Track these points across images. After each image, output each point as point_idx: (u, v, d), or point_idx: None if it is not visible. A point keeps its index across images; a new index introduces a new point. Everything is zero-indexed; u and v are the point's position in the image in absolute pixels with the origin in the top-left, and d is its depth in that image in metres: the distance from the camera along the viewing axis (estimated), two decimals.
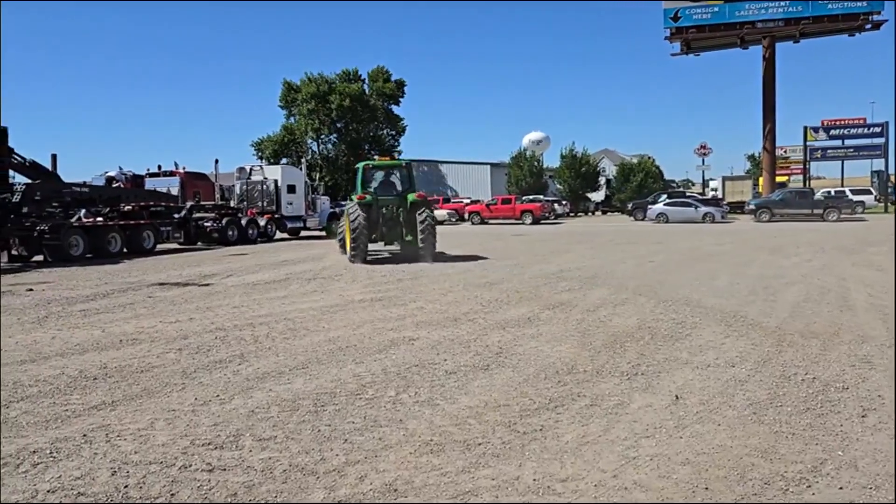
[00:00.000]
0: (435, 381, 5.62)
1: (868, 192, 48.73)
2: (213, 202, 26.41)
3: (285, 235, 28.43)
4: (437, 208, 44.88)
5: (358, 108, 60.42)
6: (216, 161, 27.38)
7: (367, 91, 62.49)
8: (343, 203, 53.16)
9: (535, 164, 58.94)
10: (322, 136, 63.18)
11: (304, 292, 11.11)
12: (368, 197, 16.32)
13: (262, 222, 26.19)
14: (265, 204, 27.10)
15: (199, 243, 24.25)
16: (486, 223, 40.57)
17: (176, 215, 23.43)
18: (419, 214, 16.06)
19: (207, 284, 12.46)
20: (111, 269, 15.76)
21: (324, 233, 29.38)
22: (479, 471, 3.81)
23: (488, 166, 68.18)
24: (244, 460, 3.99)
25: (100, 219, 19.80)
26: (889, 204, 46.85)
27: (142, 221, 21.24)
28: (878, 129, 46.56)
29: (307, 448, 4.16)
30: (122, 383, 5.72)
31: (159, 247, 21.95)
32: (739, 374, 5.66)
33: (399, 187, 17.34)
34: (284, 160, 57.34)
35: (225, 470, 3.86)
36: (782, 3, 43.43)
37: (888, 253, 16.16)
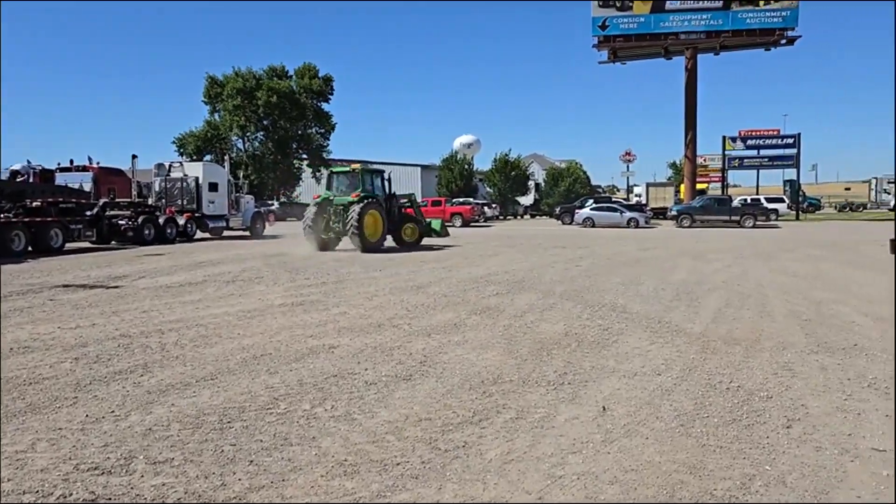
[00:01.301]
0: (353, 393, 5.30)
1: (781, 200, 50.96)
2: (128, 199, 25.15)
3: (207, 235, 27.39)
4: None
5: (286, 105, 59.13)
6: (134, 157, 26.15)
7: (295, 88, 61.25)
8: (269, 202, 52.18)
9: (466, 166, 59.09)
10: (248, 134, 61.56)
11: (221, 296, 10.56)
12: (320, 197, 20.09)
13: (181, 221, 25.13)
14: (185, 202, 26.04)
15: (112, 242, 23.07)
16: None
17: (88, 212, 22.16)
18: (349, 213, 18.86)
19: (116, 287, 11.72)
20: (13, 269, 14.70)
21: (248, 233, 28.47)
22: (395, 495, 3.52)
23: (419, 168, 68.06)
24: (133, 488, 3.58)
25: (2, 215, 18.50)
26: (800, 212, 49.16)
27: (49, 218, 19.97)
28: (790, 141, 48.72)
29: (207, 472, 3.78)
30: (5, 398, 5.15)
31: (69, 246, 20.72)
32: (666, 383, 5.56)
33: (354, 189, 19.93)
34: (208, 157, 55.55)
35: (110, 500, 3.44)
36: (704, 16, 44.93)
37: (802, 259, 16.76)
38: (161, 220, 24.09)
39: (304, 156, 64.31)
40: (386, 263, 15.68)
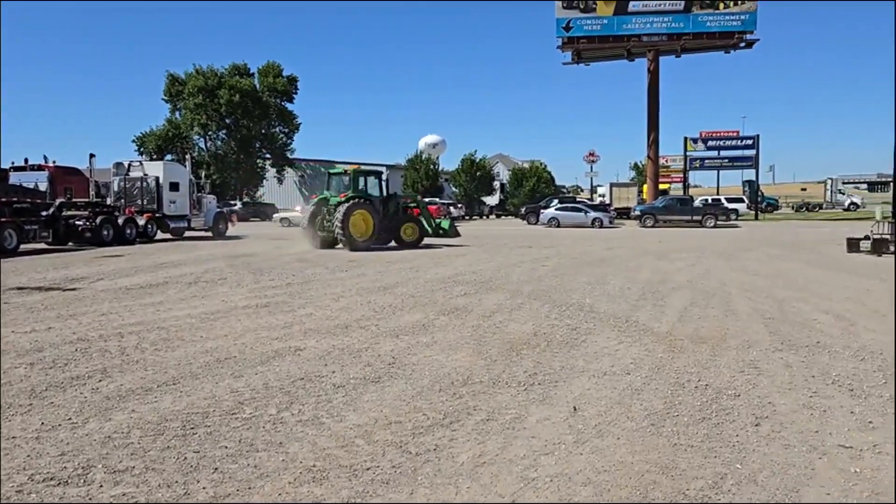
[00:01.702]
0: (321, 397, 5.20)
1: (741, 200, 52.00)
2: (86, 199, 24.51)
3: (168, 236, 26.84)
4: None
5: (249, 104, 58.38)
6: (91, 156, 25.47)
7: (258, 87, 60.50)
8: (232, 202, 51.44)
9: (432, 166, 59.03)
10: (210, 133, 60.64)
11: (183, 298, 10.32)
12: (318, 197, 21.34)
13: (141, 222, 24.57)
14: (145, 202, 25.46)
15: (69, 244, 22.44)
16: None
17: (43, 213, 21.52)
18: (335, 213, 19.65)
19: (74, 289, 11.38)
20: None
21: (210, 234, 27.99)
22: (365, 501, 3.43)
23: (384, 168, 67.72)
24: (92, 498, 3.44)
25: None
26: (759, 212, 50.17)
27: (3, 219, 19.35)
28: (749, 142, 49.69)
29: (169, 480, 3.65)
30: None
31: (24, 247, 20.09)
32: (635, 383, 5.57)
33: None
34: (169, 156, 54.56)
35: None
36: (665, 19, 45.55)
37: (763, 258, 17.07)
38: (120, 221, 23.53)
39: (268, 155, 63.59)
40: (351, 264, 15.53)
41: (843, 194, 69.07)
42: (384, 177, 22.15)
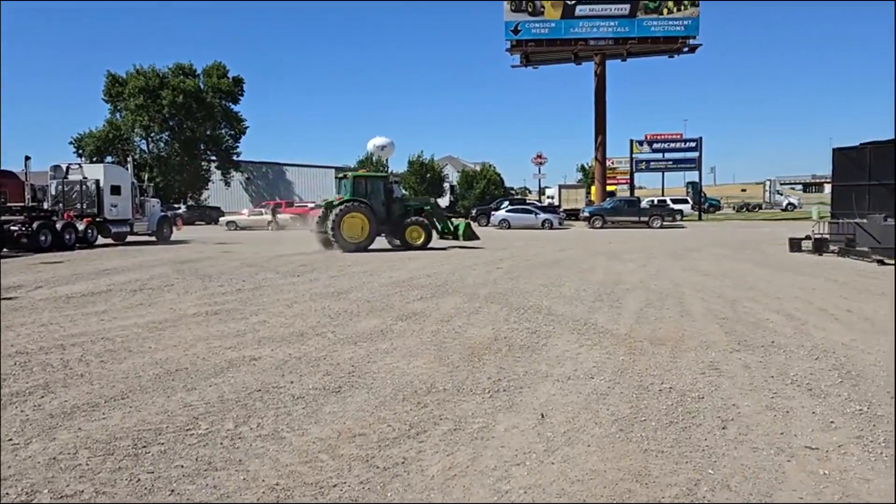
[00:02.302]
0: (280, 409, 5.00)
1: (685, 201, 53.22)
2: (22, 204, 23.46)
3: (109, 241, 25.91)
4: (280, 212, 43.36)
5: (193, 106, 56.96)
6: (27, 158, 24.38)
7: (202, 88, 59.11)
8: (176, 206, 50.14)
9: (381, 168, 58.65)
10: (153, 134, 58.97)
11: (129, 306, 9.91)
12: (326, 201, 22.51)
13: (81, 226, 23.62)
14: (85, 206, 24.50)
15: (4, 250, 21.43)
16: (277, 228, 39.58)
17: None
18: (330, 215, 20.60)
19: (10, 298, 10.81)
20: None
21: (154, 238, 27.16)
22: None
23: (333, 170, 67.10)
24: None
25: None
26: (702, 212, 51.44)
27: None
28: (692, 144, 50.85)
29: None
30: None
31: None
32: (600, 387, 5.54)
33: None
34: (109, 159, 52.87)
35: None
36: (612, 24, 46.29)
37: (710, 258, 17.42)
38: (59, 226, 22.57)
39: (213, 158, 62.21)
40: (303, 269, 15.23)
41: (781, 195, 71.44)
42: (391, 181, 23.31)
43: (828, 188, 65.82)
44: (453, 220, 24.77)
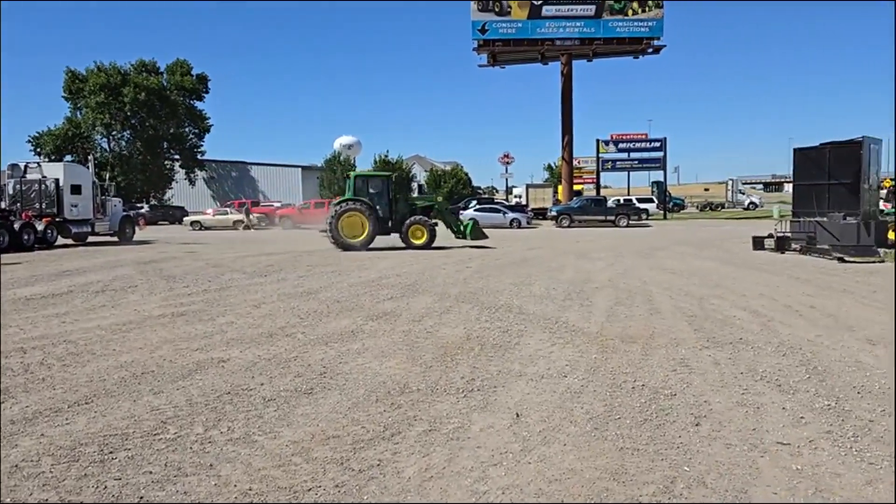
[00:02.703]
0: (251, 412, 4.90)
1: (651, 200, 53.89)
2: None
3: (70, 242, 25.29)
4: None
5: (155, 103, 55.96)
6: None
7: (166, 85, 58.10)
8: (139, 205, 49.23)
9: (348, 167, 58.31)
10: (114, 133, 57.77)
11: (91, 307, 9.66)
12: (338, 200, 22.46)
13: (40, 227, 22.98)
14: (44, 206, 23.87)
15: None
16: (299, 228, 39.26)
17: None
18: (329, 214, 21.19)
19: None
20: None
21: (116, 238, 26.59)
22: None
23: (300, 169, 66.55)
24: None
25: None
26: (667, 211, 52.17)
27: None
28: (657, 144, 51.53)
29: None
30: None
31: None
32: (573, 385, 5.54)
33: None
34: (69, 157, 51.67)
35: None
36: (578, 24, 46.67)
37: (676, 256, 17.64)
38: (17, 226, 21.94)
39: (177, 156, 61.19)
40: (270, 269, 15.04)
41: (743, 194, 72.72)
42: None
43: (787, 187, 67.25)
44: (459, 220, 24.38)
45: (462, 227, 22.77)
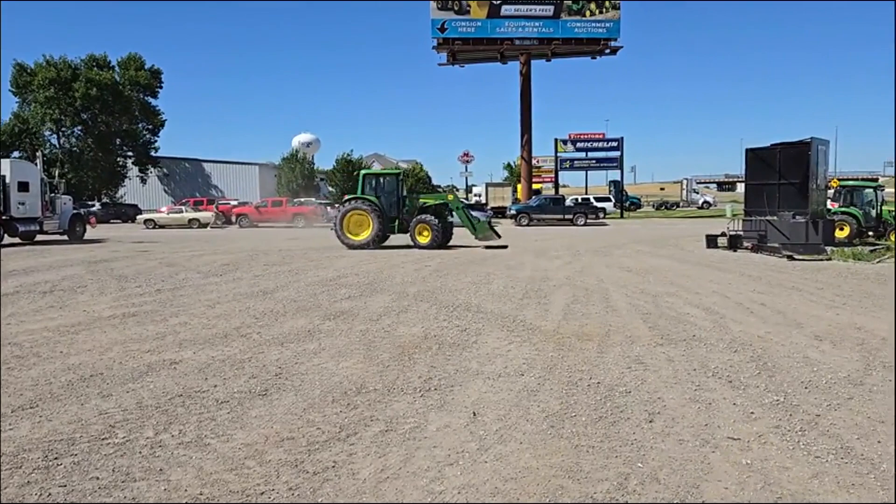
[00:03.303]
0: (203, 415, 4.80)
1: (608, 199, 54.62)
2: None
3: (17, 240, 24.49)
4: (201, 209, 42.13)
5: (108, 99, 54.59)
6: None
7: (118, 80, 56.71)
8: (90, 203, 47.96)
9: (307, 165, 57.80)
10: (64, 128, 56.20)
11: (37, 308, 9.36)
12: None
13: None
14: None
15: None
16: (256, 226, 38.74)
17: None
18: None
19: None
20: None
21: (65, 237, 25.86)
22: None
23: (257, 167, 65.69)
24: None
25: None
26: (624, 210, 52.96)
27: None
28: (614, 144, 52.30)
29: None
30: None
31: None
32: (530, 384, 5.56)
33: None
34: (16, 154, 50.04)
35: None
36: (536, 24, 47.03)
37: (632, 255, 17.89)
38: None
39: (130, 153, 59.81)
40: (225, 268, 14.79)
41: (697, 193, 74.34)
42: (401, 177, 22.33)
43: (740, 187, 68.85)
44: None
45: (479, 225, 21.47)
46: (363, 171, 22.41)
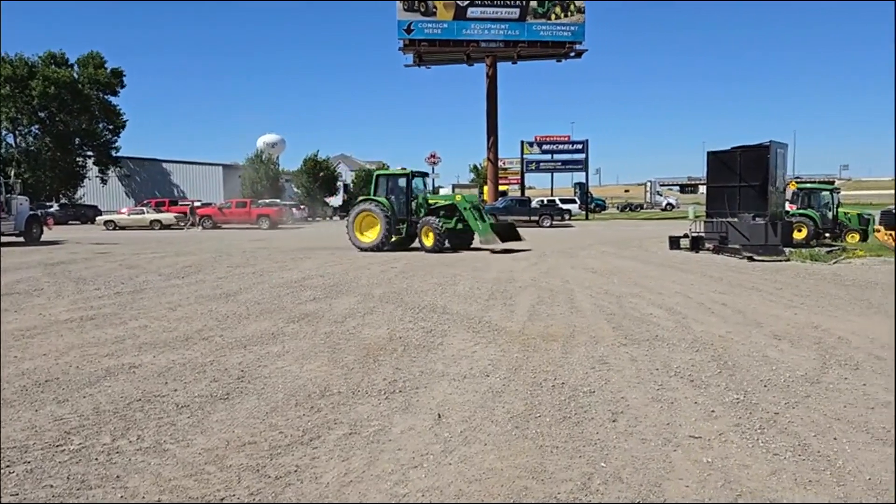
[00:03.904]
0: (163, 420, 4.70)
1: (573, 201, 55.12)
2: None
3: None
4: (163, 210, 41.48)
5: (66, 98, 53.34)
6: None
7: (78, 79, 55.46)
8: (48, 204, 46.80)
9: (272, 166, 57.19)
10: (21, 128, 54.76)
11: None
12: None
13: None
14: None
15: None
16: (220, 227, 38.22)
17: None
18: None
19: None
20: None
21: (21, 238, 25.20)
22: None
23: (220, 167, 64.85)
24: None
25: None
26: (589, 212, 53.49)
27: None
28: (580, 146, 52.80)
29: None
30: None
31: None
32: (495, 385, 5.57)
33: None
34: None
35: None
36: (502, 27, 47.24)
37: (597, 256, 18.06)
38: None
39: (89, 153, 58.51)
40: (187, 270, 14.56)
41: (661, 195, 75.42)
42: (430, 174, 21.88)
43: (702, 189, 70.08)
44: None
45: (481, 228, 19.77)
46: (376, 172, 21.69)
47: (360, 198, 21.18)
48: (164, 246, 23.03)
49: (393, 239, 20.22)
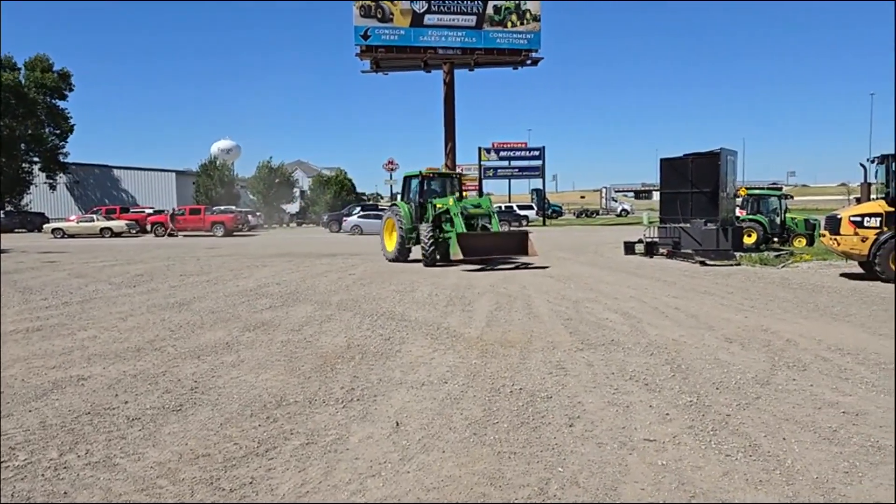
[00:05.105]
0: (113, 433, 4.57)
1: (531, 207, 55.63)
2: None
3: None
4: (113, 218, 40.52)
5: (11, 101, 51.70)
6: None
7: (23, 82, 53.83)
8: None
9: (227, 173, 56.37)
10: None
11: None
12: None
13: None
14: None
15: None
16: (173, 235, 37.48)
17: None
18: None
19: None
20: None
21: None
22: None
23: (173, 174, 63.64)
24: None
25: None
26: (546, 218, 54.03)
27: None
28: (536, 153, 53.37)
29: None
30: None
31: None
32: (453, 391, 5.56)
33: None
34: None
35: None
36: (459, 34, 47.43)
37: (555, 261, 18.22)
38: None
39: (36, 159, 56.78)
40: (139, 279, 14.23)
41: (616, 202, 76.58)
42: (421, 179, 18.83)
43: (656, 195, 71.44)
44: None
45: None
46: (404, 174, 19.51)
47: (393, 202, 19.36)
48: (114, 254, 22.49)
49: (408, 246, 18.52)
